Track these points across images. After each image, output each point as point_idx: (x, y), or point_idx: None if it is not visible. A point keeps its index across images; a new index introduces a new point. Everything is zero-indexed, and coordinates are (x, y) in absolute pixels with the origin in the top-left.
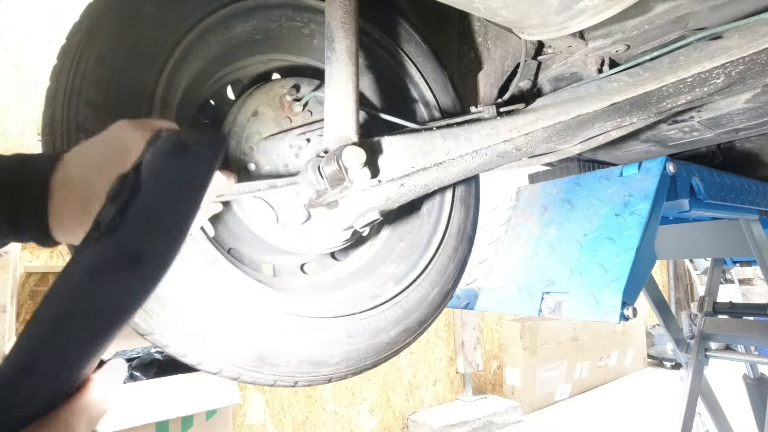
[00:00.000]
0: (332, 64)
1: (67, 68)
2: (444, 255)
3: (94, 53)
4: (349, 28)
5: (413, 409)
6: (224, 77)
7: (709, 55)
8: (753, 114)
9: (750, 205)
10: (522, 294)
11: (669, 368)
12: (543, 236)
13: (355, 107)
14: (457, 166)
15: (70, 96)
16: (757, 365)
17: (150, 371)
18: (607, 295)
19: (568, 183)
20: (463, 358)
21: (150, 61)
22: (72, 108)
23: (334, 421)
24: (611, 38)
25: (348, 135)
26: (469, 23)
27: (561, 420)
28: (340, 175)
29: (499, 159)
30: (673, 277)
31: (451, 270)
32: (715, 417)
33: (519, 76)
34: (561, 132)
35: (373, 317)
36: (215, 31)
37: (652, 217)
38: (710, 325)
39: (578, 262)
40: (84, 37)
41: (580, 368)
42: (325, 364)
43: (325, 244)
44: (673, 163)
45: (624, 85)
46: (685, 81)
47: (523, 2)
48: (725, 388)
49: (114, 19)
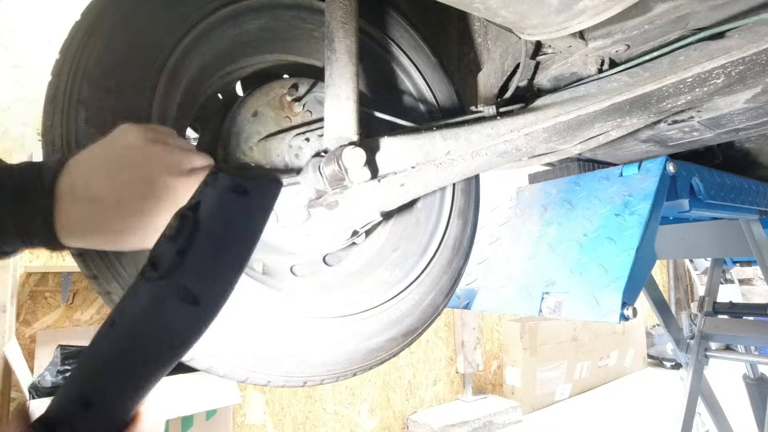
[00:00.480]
0: (332, 64)
1: (74, 48)
2: (438, 266)
3: (101, 37)
4: (349, 28)
5: (413, 409)
6: (233, 73)
7: (709, 55)
8: (753, 114)
9: (750, 205)
10: (522, 294)
11: (669, 368)
12: (543, 236)
13: (355, 107)
14: (457, 166)
15: (74, 73)
16: (757, 365)
17: None
18: (607, 295)
19: (568, 183)
20: (463, 358)
21: (153, 53)
22: (76, 82)
23: (334, 421)
24: (611, 38)
25: (348, 135)
26: (469, 23)
27: (561, 420)
28: (340, 175)
29: (499, 159)
30: (673, 277)
31: (444, 282)
32: (715, 417)
33: (519, 76)
34: (561, 132)
35: (359, 321)
36: (223, 27)
37: (652, 217)
38: (710, 325)
39: (578, 262)
40: (90, 24)
41: (580, 368)
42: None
43: (324, 245)
44: (673, 163)
45: (624, 85)
46: (685, 81)
47: (523, 2)
48: (725, 388)
49: (118, 10)
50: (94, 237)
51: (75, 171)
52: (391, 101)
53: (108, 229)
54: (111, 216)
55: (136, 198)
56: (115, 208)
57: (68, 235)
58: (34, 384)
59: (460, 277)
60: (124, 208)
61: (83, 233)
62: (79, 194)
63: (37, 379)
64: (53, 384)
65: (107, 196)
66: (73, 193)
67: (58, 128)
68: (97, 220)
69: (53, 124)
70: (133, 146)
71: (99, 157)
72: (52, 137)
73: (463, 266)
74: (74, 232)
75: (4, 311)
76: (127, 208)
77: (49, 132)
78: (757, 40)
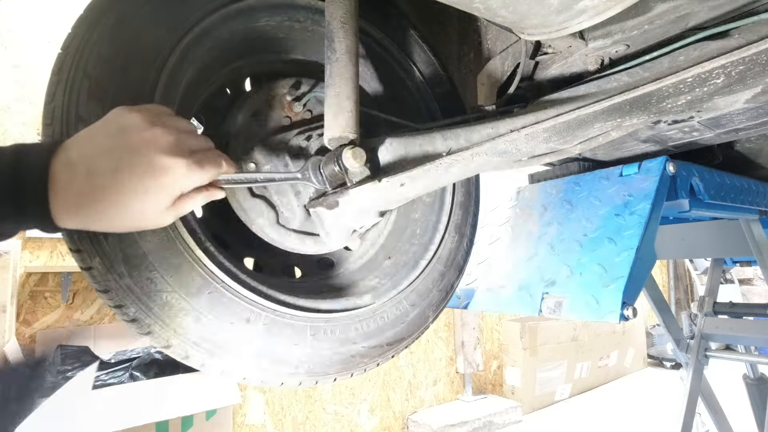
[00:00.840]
0: (332, 64)
1: (80, 37)
2: (429, 279)
3: (107, 26)
4: (349, 28)
5: (413, 409)
6: (241, 69)
7: (709, 55)
8: (753, 114)
9: (750, 205)
10: (522, 294)
11: (669, 368)
12: (543, 236)
13: (355, 107)
14: (456, 166)
15: (83, 47)
16: (757, 365)
17: (150, 371)
18: (607, 295)
19: (568, 183)
20: (463, 358)
21: (164, 35)
22: (82, 61)
23: (334, 421)
24: (611, 38)
25: (348, 135)
26: (469, 23)
27: (561, 420)
28: (340, 175)
29: (499, 159)
30: (673, 277)
31: (434, 296)
32: (715, 417)
33: (519, 76)
34: (561, 132)
35: (344, 325)
36: (229, 24)
37: (652, 217)
38: (710, 325)
39: (578, 262)
40: (96, 12)
41: (580, 368)
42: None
43: (323, 246)
44: (673, 163)
45: (624, 85)
46: (685, 81)
47: (523, 2)
48: (725, 388)
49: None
50: (91, 217)
51: (72, 150)
52: (391, 101)
53: (106, 209)
54: (109, 196)
55: (134, 178)
56: (114, 188)
57: (64, 216)
58: None
59: (452, 291)
60: (123, 187)
61: (80, 213)
62: (77, 174)
63: None
64: (53, 384)
65: (106, 176)
66: (71, 172)
67: (60, 99)
68: (94, 200)
69: (56, 95)
70: (132, 126)
71: (98, 137)
72: (52, 108)
73: (456, 281)
74: (70, 212)
75: (4, 311)
76: (125, 188)
77: (50, 103)
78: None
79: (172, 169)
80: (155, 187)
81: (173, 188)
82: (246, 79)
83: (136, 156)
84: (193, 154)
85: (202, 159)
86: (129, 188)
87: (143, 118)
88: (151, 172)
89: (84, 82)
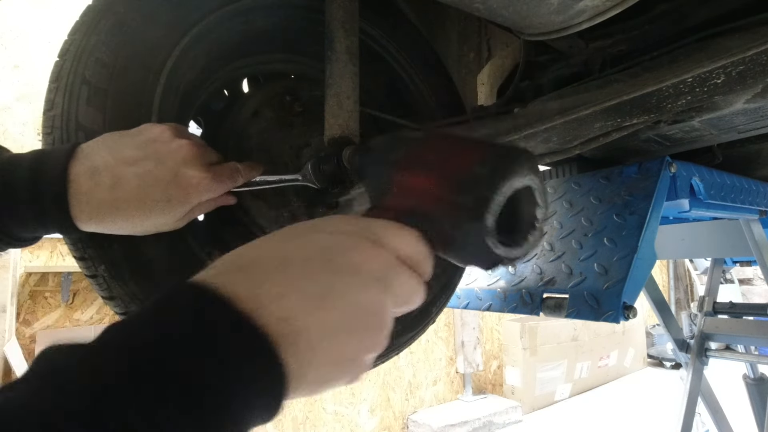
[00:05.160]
0: (332, 64)
1: (77, 43)
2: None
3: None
4: (349, 28)
5: (413, 409)
6: (241, 69)
7: (709, 55)
8: (753, 114)
9: (750, 205)
10: (522, 294)
11: (669, 368)
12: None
13: (355, 107)
14: None
15: (81, 53)
16: (757, 365)
17: None
18: (607, 295)
19: (568, 183)
20: (463, 358)
21: (162, 38)
22: (81, 62)
23: (334, 421)
24: (611, 38)
25: (348, 135)
26: (469, 23)
27: (561, 420)
28: (340, 175)
29: None
30: (673, 277)
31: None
32: (715, 417)
33: (519, 76)
34: (561, 132)
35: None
36: (234, 21)
37: (652, 217)
38: (710, 325)
39: (578, 262)
40: (92, 17)
41: (580, 368)
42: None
43: None
44: (673, 163)
45: (624, 85)
46: (685, 81)
47: (523, 2)
48: (725, 388)
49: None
50: (116, 224)
51: (97, 158)
52: (391, 101)
53: (130, 216)
54: (133, 200)
55: (160, 187)
56: (138, 193)
57: (85, 219)
58: None
59: (438, 312)
60: (147, 197)
61: (104, 220)
62: (102, 184)
63: None
64: None
65: (131, 187)
66: (96, 181)
67: (59, 107)
68: (118, 209)
69: (54, 103)
70: (160, 138)
71: (126, 145)
72: (52, 116)
73: (456, 279)
74: (92, 218)
75: (4, 311)
76: (149, 198)
77: (50, 111)
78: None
79: (195, 179)
80: (178, 197)
81: (195, 198)
82: (244, 80)
83: (162, 166)
84: (212, 166)
85: (221, 172)
86: (153, 198)
87: (170, 131)
88: (176, 183)
89: (83, 89)
